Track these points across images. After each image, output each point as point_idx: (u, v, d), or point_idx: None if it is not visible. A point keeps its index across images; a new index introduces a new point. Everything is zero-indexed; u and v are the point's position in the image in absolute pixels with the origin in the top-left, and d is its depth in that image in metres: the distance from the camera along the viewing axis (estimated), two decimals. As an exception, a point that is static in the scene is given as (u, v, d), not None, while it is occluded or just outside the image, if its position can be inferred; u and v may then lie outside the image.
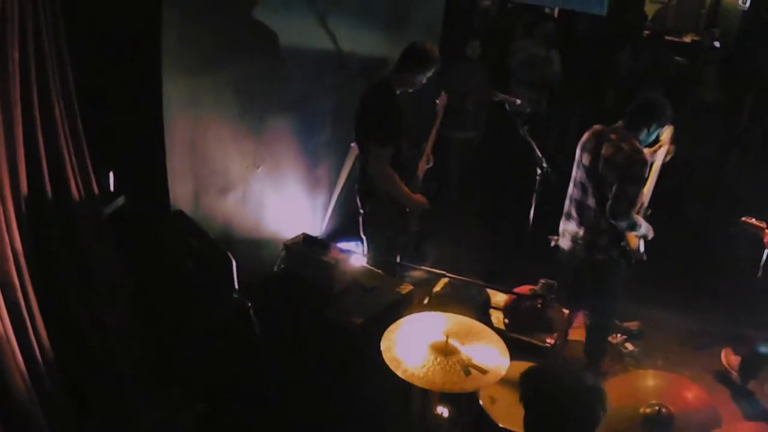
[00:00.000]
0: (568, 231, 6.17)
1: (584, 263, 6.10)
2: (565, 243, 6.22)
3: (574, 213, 6.09)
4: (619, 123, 5.84)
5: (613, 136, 5.76)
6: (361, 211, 6.51)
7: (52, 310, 3.93)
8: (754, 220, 6.33)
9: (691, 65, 10.89)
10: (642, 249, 6.14)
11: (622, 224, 5.78)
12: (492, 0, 10.66)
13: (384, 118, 5.96)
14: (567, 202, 6.19)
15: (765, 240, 6.31)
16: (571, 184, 6.14)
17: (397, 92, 6.06)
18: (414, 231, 6.54)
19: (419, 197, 6.33)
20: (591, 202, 5.92)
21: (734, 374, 6.62)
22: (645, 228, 5.91)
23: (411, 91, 6.15)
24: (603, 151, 5.75)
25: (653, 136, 5.90)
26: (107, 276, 4.33)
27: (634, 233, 5.92)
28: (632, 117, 5.78)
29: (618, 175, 5.67)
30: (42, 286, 3.87)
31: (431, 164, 6.59)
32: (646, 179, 5.78)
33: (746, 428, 5.33)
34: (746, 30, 13.46)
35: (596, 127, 5.98)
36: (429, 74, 6.17)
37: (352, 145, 6.41)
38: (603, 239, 5.96)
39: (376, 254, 6.52)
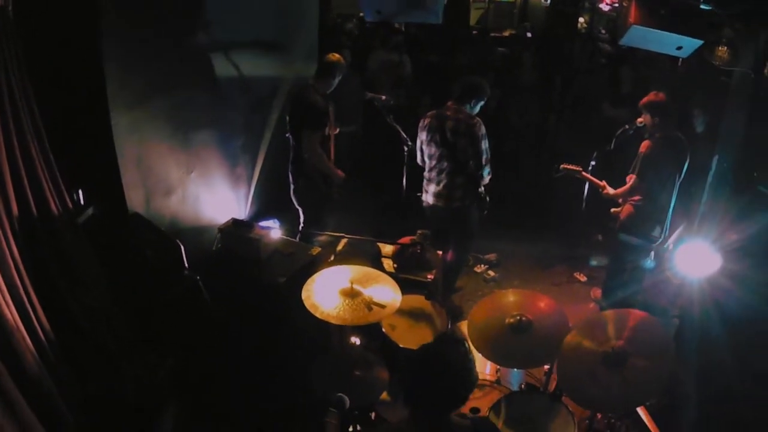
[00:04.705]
0: (430, 191, 6.44)
1: (445, 212, 6.38)
2: (429, 199, 6.48)
3: (433, 177, 6.37)
4: (449, 103, 6.22)
5: (449, 113, 6.15)
6: (293, 186, 6.76)
7: (49, 301, 3.97)
8: (571, 166, 6.70)
9: (512, 54, 11.15)
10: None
11: (485, 173, 6.21)
12: (353, 22, 10.78)
13: (313, 112, 6.26)
14: (426, 173, 6.47)
15: (580, 177, 6.66)
16: (426, 159, 6.42)
17: (320, 94, 6.37)
18: (337, 199, 6.78)
19: (339, 171, 6.64)
20: (447, 166, 6.22)
21: (601, 303, 6.90)
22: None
23: (328, 92, 6.47)
24: (448, 125, 6.10)
25: (477, 108, 6.25)
26: (88, 270, 4.38)
27: (488, 177, 6.28)
28: (459, 95, 6.18)
29: (468, 140, 6.05)
30: (38, 283, 3.91)
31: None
32: (486, 135, 6.14)
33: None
34: (549, 22, 13.91)
35: (431, 112, 6.32)
36: (339, 78, 6.50)
37: (287, 135, 6.65)
38: (458, 192, 6.28)
39: (308, 217, 6.83)
